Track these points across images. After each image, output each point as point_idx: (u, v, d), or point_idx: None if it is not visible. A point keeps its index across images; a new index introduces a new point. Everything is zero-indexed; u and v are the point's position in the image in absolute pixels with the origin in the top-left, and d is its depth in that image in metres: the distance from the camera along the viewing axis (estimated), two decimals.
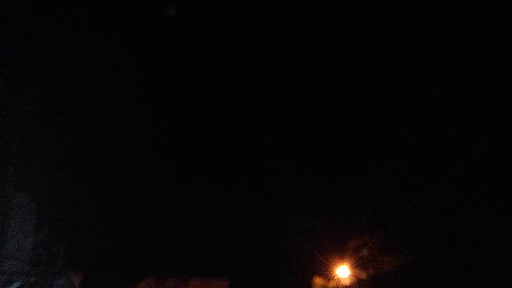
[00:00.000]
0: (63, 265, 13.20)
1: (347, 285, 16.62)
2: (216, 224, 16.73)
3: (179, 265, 17.24)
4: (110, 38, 13.08)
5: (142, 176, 14.67)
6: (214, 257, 17.02)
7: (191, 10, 13.34)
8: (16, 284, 11.55)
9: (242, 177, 17.00)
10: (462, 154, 13.64)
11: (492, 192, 13.24)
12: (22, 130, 12.08)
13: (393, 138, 14.68)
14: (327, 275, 16.96)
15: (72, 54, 12.74)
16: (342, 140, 15.94)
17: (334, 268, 16.61)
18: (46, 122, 12.51)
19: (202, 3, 13.26)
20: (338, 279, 16.68)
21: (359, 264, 16.49)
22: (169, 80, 14.85)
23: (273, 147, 15.56)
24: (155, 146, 15.52)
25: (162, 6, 13.12)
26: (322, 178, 16.32)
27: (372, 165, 15.39)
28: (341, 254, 16.53)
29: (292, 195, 16.07)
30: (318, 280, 17.31)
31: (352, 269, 16.48)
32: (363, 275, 16.52)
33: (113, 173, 14.11)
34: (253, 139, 16.13)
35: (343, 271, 16.51)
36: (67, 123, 12.85)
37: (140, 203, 14.99)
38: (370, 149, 15.52)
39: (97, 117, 13.44)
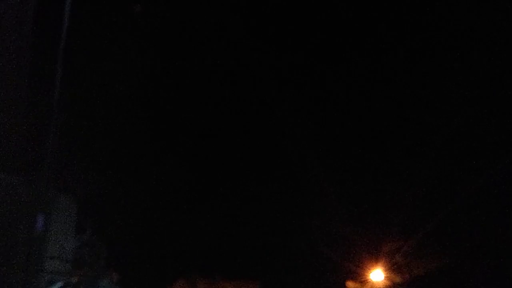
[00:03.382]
0: (106, 266, 13.30)
1: None
2: (247, 226, 16.69)
3: (210, 268, 17.24)
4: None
5: (177, 178, 14.71)
6: (245, 259, 16.96)
7: None
8: (58, 284, 11.66)
9: (273, 180, 16.91)
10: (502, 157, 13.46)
11: None
12: (62, 130, 12.11)
13: (428, 138, 14.52)
14: (361, 279, 16.82)
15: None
16: (374, 139, 15.76)
17: (368, 272, 16.48)
18: (88, 123, 12.59)
19: None
20: (372, 283, 16.55)
21: (393, 268, 16.32)
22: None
23: (303, 149, 15.49)
24: (185, 147, 15.51)
25: None
26: (356, 180, 16.17)
27: (407, 166, 15.20)
28: (375, 257, 16.37)
29: (325, 199, 15.98)
30: (351, 284, 17.16)
31: (386, 273, 16.33)
32: (398, 279, 16.36)
33: (153, 174, 14.18)
34: (282, 140, 16.05)
35: (376, 275, 16.37)
36: (110, 122, 12.89)
37: (176, 205, 15.02)
38: (404, 149, 15.33)
39: (139, 117, 13.49)
